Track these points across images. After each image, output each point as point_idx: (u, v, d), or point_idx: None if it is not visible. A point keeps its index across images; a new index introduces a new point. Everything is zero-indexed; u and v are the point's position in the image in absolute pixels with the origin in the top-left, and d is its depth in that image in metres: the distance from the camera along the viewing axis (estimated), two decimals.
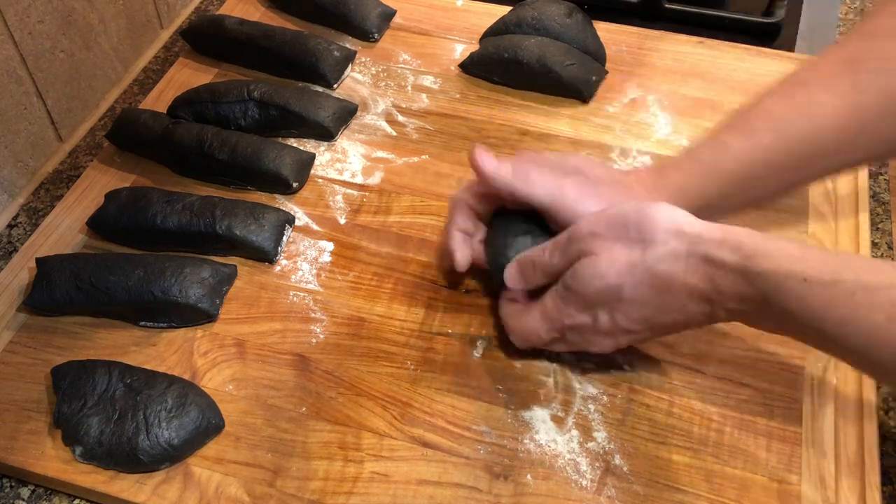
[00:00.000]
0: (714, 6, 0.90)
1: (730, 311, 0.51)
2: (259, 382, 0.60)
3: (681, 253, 0.50)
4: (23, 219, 0.73)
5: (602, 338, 0.55)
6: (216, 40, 0.83)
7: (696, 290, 0.51)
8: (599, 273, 0.52)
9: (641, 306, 0.52)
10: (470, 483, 0.55)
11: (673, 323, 0.53)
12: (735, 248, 0.49)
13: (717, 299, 0.50)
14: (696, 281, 0.50)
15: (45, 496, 0.57)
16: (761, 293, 0.48)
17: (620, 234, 0.52)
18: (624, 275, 0.52)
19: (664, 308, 0.52)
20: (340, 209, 0.71)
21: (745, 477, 0.54)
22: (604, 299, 0.53)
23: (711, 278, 0.50)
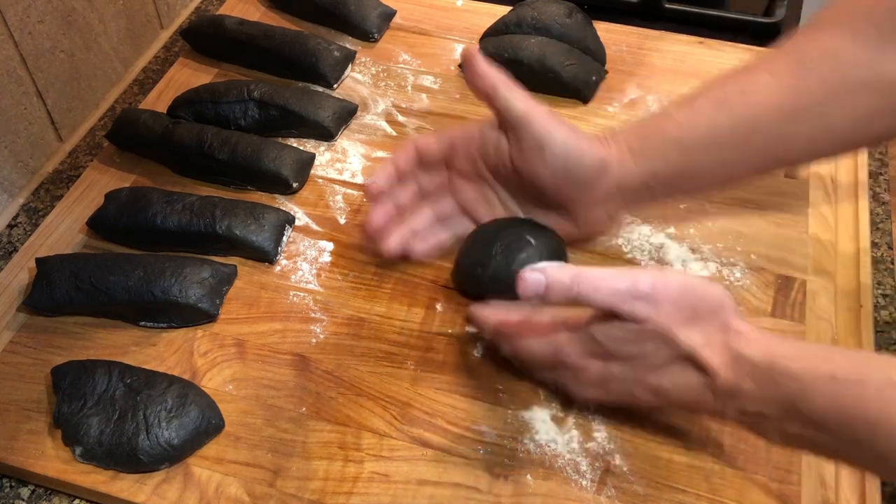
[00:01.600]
0: (714, 6, 0.90)
1: (744, 414, 0.49)
2: (259, 382, 0.60)
3: (719, 345, 0.49)
4: (23, 219, 0.73)
5: (597, 388, 0.54)
6: (216, 40, 0.83)
7: (719, 385, 0.49)
8: (638, 341, 0.50)
9: (663, 379, 0.51)
10: (470, 483, 0.55)
11: (678, 402, 0.52)
12: (765, 347, 0.48)
13: (738, 398, 0.49)
14: (725, 376, 0.49)
15: (45, 496, 0.57)
16: (788, 395, 0.47)
17: (678, 311, 0.49)
18: (661, 347, 0.50)
19: (682, 389, 0.50)
20: (340, 209, 0.71)
21: (745, 477, 0.54)
22: (627, 358, 0.51)
23: (738, 376, 0.48)
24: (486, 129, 0.63)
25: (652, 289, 0.49)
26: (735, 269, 0.65)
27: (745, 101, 0.58)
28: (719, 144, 0.58)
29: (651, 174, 0.59)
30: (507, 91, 0.60)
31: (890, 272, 0.67)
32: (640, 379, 0.51)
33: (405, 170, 0.64)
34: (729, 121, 0.58)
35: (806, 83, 0.56)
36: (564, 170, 0.59)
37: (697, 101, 0.59)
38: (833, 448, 0.47)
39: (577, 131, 0.60)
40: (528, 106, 0.60)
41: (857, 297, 0.63)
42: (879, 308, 0.65)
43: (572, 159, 0.59)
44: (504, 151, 0.61)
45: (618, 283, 0.49)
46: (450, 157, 0.65)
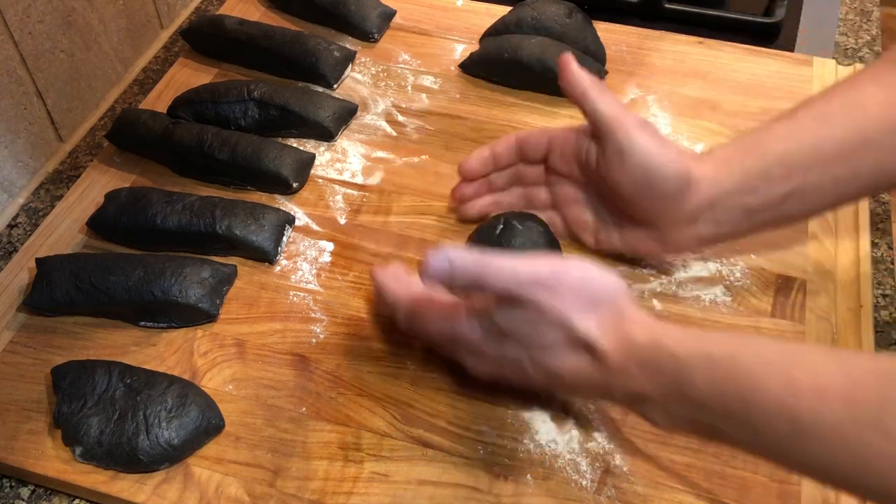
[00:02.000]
0: (714, 6, 0.90)
1: (628, 394, 0.50)
2: (259, 382, 0.60)
3: (611, 329, 0.49)
4: (23, 219, 0.73)
5: (489, 364, 0.54)
6: (216, 40, 0.83)
7: (608, 367, 0.49)
8: (534, 322, 0.50)
9: (554, 359, 0.51)
10: (470, 483, 0.55)
11: (566, 383, 0.52)
12: (649, 329, 0.49)
13: (623, 377, 0.49)
14: (613, 357, 0.49)
15: (45, 496, 0.57)
16: (669, 376, 0.47)
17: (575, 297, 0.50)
18: (556, 329, 0.50)
19: (572, 370, 0.51)
20: (340, 209, 0.71)
21: (745, 477, 0.54)
22: (521, 338, 0.51)
23: (625, 358, 0.49)
24: (580, 133, 0.62)
25: (552, 276, 0.50)
26: (735, 269, 0.65)
27: (850, 114, 0.56)
28: (826, 160, 0.56)
29: (750, 192, 0.57)
30: (597, 95, 0.59)
31: (890, 272, 0.67)
32: (534, 359, 0.51)
33: (502, 156, 0.65)
34: (835, 134, 0.56)
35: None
36: (645, 181, 0.58)
37: (799, 114, 0.58)
38: (713, 427, 0.47)
39: (666, 142, 0.59)
40: (615, 111, 0.59)
41: (857, 297, 0.63)
42: (879, 308, 0.65)
43: (653, 169, 0.57)
44: (592, 157, 0.61)
45: (519, 270, 0.50)
46: (548, 155, 0.65)
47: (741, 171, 0.57)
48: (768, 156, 0.57)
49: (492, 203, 0.67)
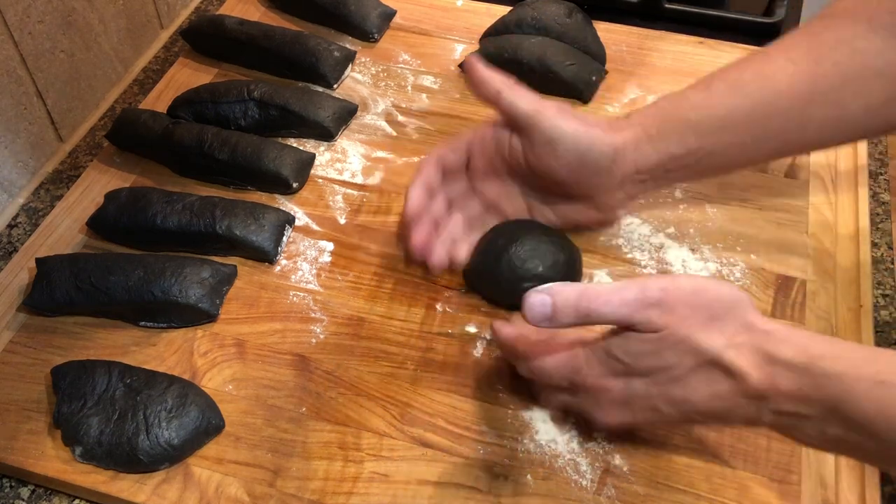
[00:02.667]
0: (714, 6, 0.90)
1: (780, 414, 0.47)
2: (259, 382, 0.60)
3: (745, 346, 0.47)
4: (23, 219, 0.73)
5: (619, 409, 0.51)
6: (216, 40, 0.83)
7: (752, 388, 0.47)
8: (659, 352, 0.48)
9: (689, 391, 0.49)
10: (470, 483, 0.55)
11: (709, 415, 0.50)
12: (801, 347, 0.46)
13: (773, 399, 0.47)
14: (756, 378, 0.47)
15: (45, 496, 0.57)
16: (830, 397, 0.45)
17: (693, 314, 0.48)
18: (683, 356, 0.48)
19: (711, 398, 0.48)
20: (340, 209, 0.71)
21: (745, 477, 0.54)
22: (649, 373, 0.49)
23: (772, 377, 0.46)
24: (497, 130, 0.63)
25: (663, 293, 0.48)
26: (735, 269, 0.65)
27: (761, 85, 0.58)
28: (735, 127, 0.59)
29: (668, 156, 0.59)
30: (511, 93, 0.61)
31: (890, 272, 0.67)
32: (665, 393, 0.49)
33: (433, 185, 0.65)
34: (745, 103, 0.58)
35: (822, 69, 0.57)
36: (578, 162, 0.60)
37: (713, 84, 0.60)
38: (878, 453, 0.46)
39: (587, 121, 0.60)
40: (533, 105, 0.60)
41: (857, 297, 0.63)
42: (879, 308, 0.65)
43: (584, 150, 0.60)
44: (517, 151, 0.62)
45: (626, 294, 0.48)
46: (468, 161, 0.65)
47: (658, 136, 0.59)
48: (683, 123, 0.59)
49: (449, 241, 0.64)
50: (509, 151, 0.63)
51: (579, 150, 0.59)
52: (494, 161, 0.64)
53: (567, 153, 0.60)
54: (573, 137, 0.59)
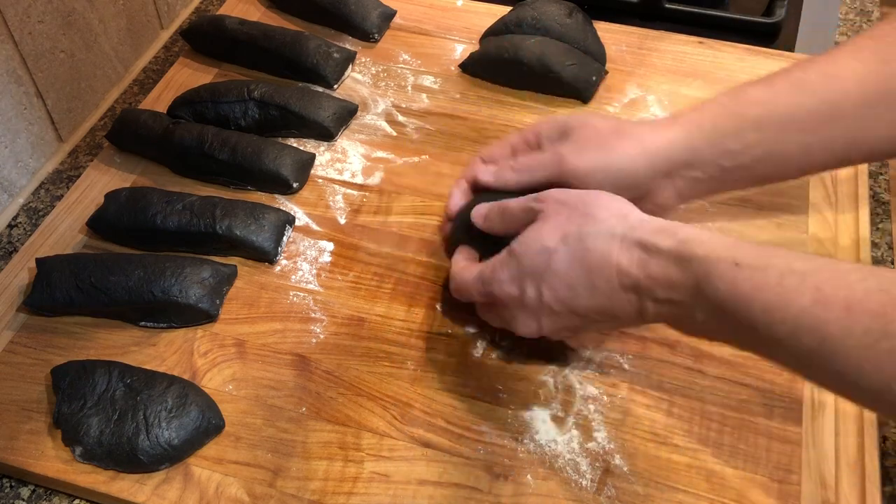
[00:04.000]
0: (714, 6, 0.90)
1: (658, 302, 0.50)
2: (259, 382, 0.60)
3: (616, 233, 0.51)
4: (23, 219, 0.73)
5: (526, 316, 0.54)
6: (216, 40, 0.83)
7: (625, 273, 0.50)
8: (540, 236, 0.53)
9: (568, 284, 0.52)
10: (470, 483, 0.55)
11: (597, 311, 0.52)
12: (670, 234, 0.49)
13: (647, 286, 0.50)
14: (627, 263, 0.50)
15: (45, 496, 0.57)
16: (693, 278, 0.48)
17: (571, 206, 0.53)
18: (558, 243, 0.52)
19: (591, 290, 0.51)
20: (340, 209, 0.71)
21: (745, 477, 0.55)
22: (535, 269, 0.53)
23: (643, 263, 0.49)
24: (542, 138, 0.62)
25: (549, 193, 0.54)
26: None
27: (827, 85, 0.57)
28: (799, 125, 0.57)
29: (724, 151, 0.57)
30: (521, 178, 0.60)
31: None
32: (552, 290, 0.52)
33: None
34: (810, 101, 0.56)
35: (890, 69, 0.56)
36: (614, 187, 0.57)
37: (775, 81, 0.58)
38: (735, 336, 0.48)
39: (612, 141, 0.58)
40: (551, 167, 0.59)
41: None
42: None
43: (613, 178, 0.58)
44: None
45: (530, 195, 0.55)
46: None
47: (713, 130, 0.58)
48: (742, 118, 0.58)
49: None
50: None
51: (609, 180, 0.57)
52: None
53: (601, 185, 0.57)
54: (596, 177, 0.58)
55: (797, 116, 0.57)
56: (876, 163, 0.75)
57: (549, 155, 0.60)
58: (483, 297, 0.57)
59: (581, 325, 0.54)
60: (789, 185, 0.71)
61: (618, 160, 0.58)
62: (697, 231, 0.50)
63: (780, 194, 0.70)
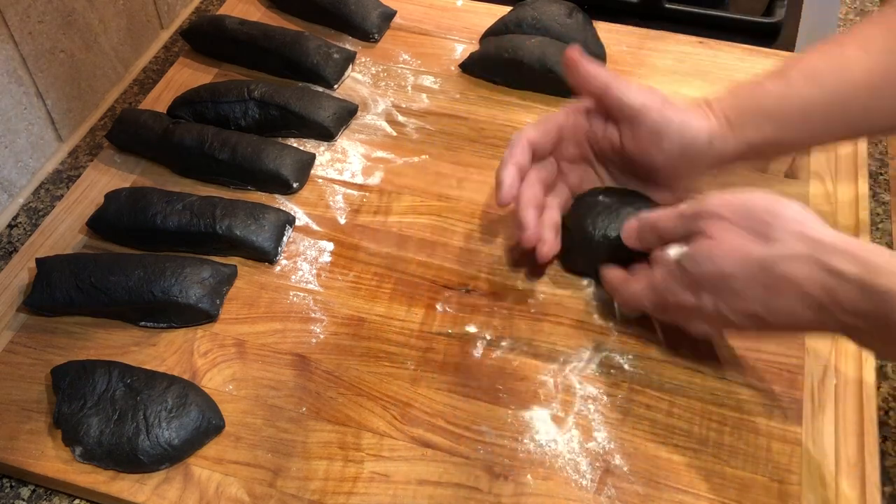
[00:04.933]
0: (714, 6, 0.90)
1: (843, 324, 0.49)
2: (259, 382, 0.60)
3: (798, 255, 0.50)
4: (23, 219, 0.73)
5: (702, 321, 0.55)
6: (216, 40, 0.83)
7: (809, 297, 0.49)
8: (714, 258, 0.52)
9: (749, 301, 0.52)
10: (470, 483, 0.55)
11: (779, 325, 0.52)
12: (858, 260, 0.48)
13: (833, 309, 0.49)
14: (810, 287, 0.49)
15: (45, 496, 0.57)
16: (881, 312, 0.47)
17: (744, 224, 0.52)
18: (738, 266, 0.51)
19: (772, 309, 0.51)
20: (340, 209, 0.71)
21: (745, 477, 0.55)
22: (712, 285, 0.53)
23: (829, 288, 0.48)
24: (593, 119, 0.65)
25: (713, 206, 0.53)
26: None
27: (837, 77, 0.59)
28: (811, 118, 0.60)
29: (746, 145, 0.60)
30: (619, 87, 0.62)
31: None
32: (730, 305, 0.52)
33: (524, 167, 0.64)
34: (822, 95, 0.59)
35: (894, 57, 0.57)
36: (680, 152, 0.61)
37: (790, 73, 0.61)
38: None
39: (686, 111, 0.61)
40: (641, 97, 0.62)
41: None
42: None
43: (687, 142, 0.61)
44: (614, 140, 0.64)
45: (682, 209, 0.55)
46: (557, 144, 0.66)
47: (741, 129, 0.60)
48: (760, 111, 0.60)
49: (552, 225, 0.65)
50: (603, 139, 0.64)
51: (683, 142, 0.60)
52: (583, 146, 0.66)
53: (672, 144, 0.61)
54: (679, 129, 0.60)
55: (811, 109, 0.60)
56: (876, 163, 0.75)
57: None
58: (656, 307, 0.58)
59: (761, 333, 0.55)
60: (789, 184, 0.71)
61: (695, 126, 0.61)
62: (884, 254, 0.48)
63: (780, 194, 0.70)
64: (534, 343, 0.61)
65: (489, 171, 0.73)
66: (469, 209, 0.70)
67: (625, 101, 0.62)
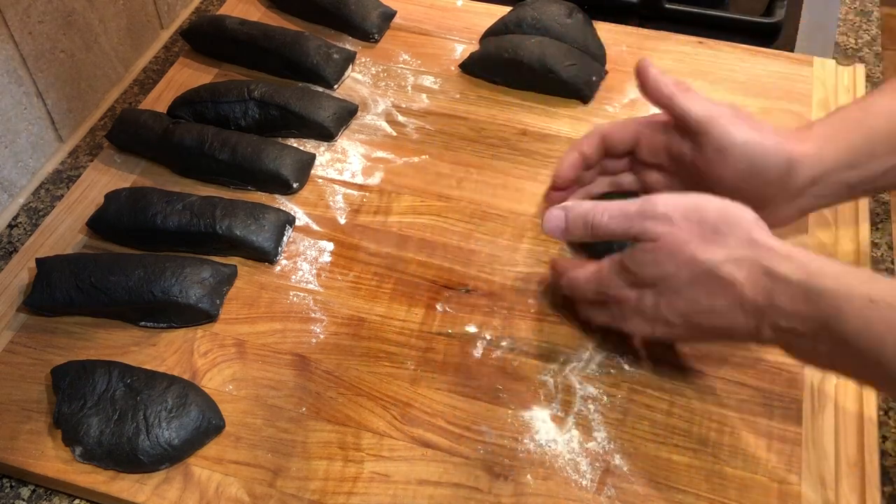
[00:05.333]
0: (714, 6, 0.90)
1: (778, 330, 0.50)
2: (259, 382, 0.60)
3: (745, 260, 0.50)
4: (23, 219, 0.73)
5: (640, 320, 0.55)
6: (216, 40, 0.83)
7: (749, 301, 0.50)
8: (658, 262, 0.52)
9: (689, 302, 0.52)
10: (470, 483, 0.55)
11: (713, 329, 0.53)
12: (801, 265, 0.48)
13: (770, 314, 0.49)
14: (751, 290, 0.49)
15: (45, 496, 0.57)
16: (822, 313, 0.47)
17: (694, 229, 0.51)
18: (682, 268, 0.51)
19: (711, 311, 0.51)
20: (340, 209, 0.71)
21: (745, 477, 0.55)
22: (654, 284, 0.53)
23: (770, 292, 0.49)
24: (669, 129, 0.62)
25: (664, 207, 0.50)
26: None
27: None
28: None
29: (853, 167, 0.57)
30: (684, 98, 0.59)
31: (890, 272, 0.67)
32: (669, 304, 0.52)
33: (591, 156, 0.64)
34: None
35: None
36: (749, 172, 0.58)
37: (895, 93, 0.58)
38: (857, 370, 0.49)
39: (763, 129, 0.58)
40: (706, 109, 0.58)
41: None
42: None
43: (756, 161, 0.57)
44: (686, 154, 0.60)
45: (628, 207, 0.51)
46: (634, 148, 0.64)
47: (847, 148, 0.57)
48: (873, 132, 0.57)
49: (584, 196, 0.65)
50: (678, 152, 0.61)
51: (751, 161, 0.57)
52: (661, 156, 0.63)
53: (738, 163, 0.57)
54: (744, 147, 0.57)
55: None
56: None
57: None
58: (596, 297, 0.57)
59: (693, 337, 0.55)
60: None
61: (767, 145, 0.57)
62: (827, 261, 0.49)
63: None
64: (534, 343, 0.61)
65: (489, 170, 0.73)
66: (469, 209, 0.70)
67: (688, 113, 0.59)
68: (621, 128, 0.64)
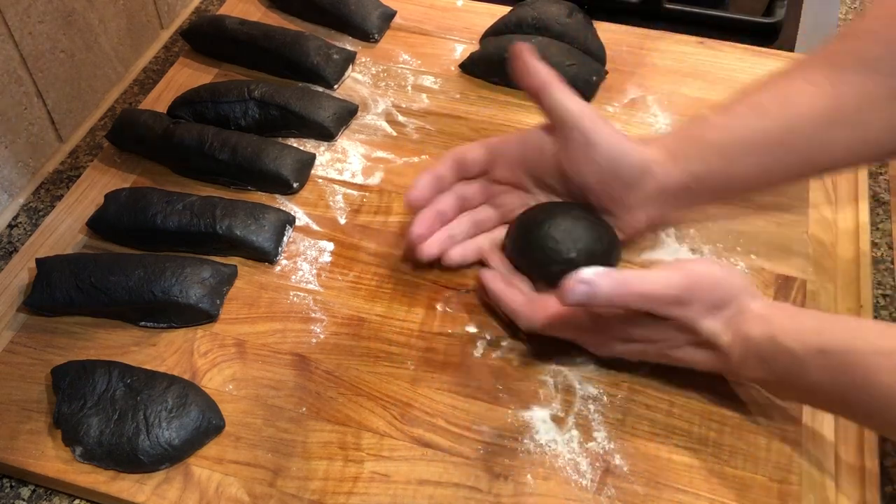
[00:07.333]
0: (714, 6, 0.90)
1: (748, 378, 0.55)
2: (259, 382, 0.60)
3: (732, 327, 0.53)
4: (23, 219, 0.73)
5: (601, 345, 0.58)
6: (216, 40, 0.83)
7: (732, 363, 0.54)
8: (663, 328, 0.55)
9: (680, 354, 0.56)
10: (470, 483, 0.55)
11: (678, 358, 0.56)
12: (765, 322, 0.52)
13: (744, 371, 0.54)
14: (735, 354, 0.53)
15: (45, 496, 0.57)
16: (783, 368, 0.51)
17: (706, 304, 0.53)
18: (682, 333, 0.55)
19: (695, 362, 0.56)
20: (340, 209, 0.71)
21: (745, 477, 0.55)
22: (649, 340, 0.56)
23: (744, 356, 0.53)
24: (528, 136, 0.64)
25: (686, 292, 0.52)
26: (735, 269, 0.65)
27: (781, 109, 0.59)
28: (757, 149, 0.59)
29: (692, 177, 0.60)
30: (557, 90, 0.61)
31: (890, 272, 0.67)
32: (658, 352, 0.56)
33: (445, 178, 0.65)
34: (765, 126, 0.59)
35: (842, 90, 0.57)
36: (611, 169, 0.60)
37: (735, 106, 0.61)
38: (828, 407, 0.54)
39: (622, 133, 0.61)
40: (578, 105, 0.61)
41: (857, 297, 0.63)
42: (879, 308, 0.65)
43: (618, 158, 0.60)
44: (548, 154, 0.62)
45: (657, 291, 0.52)
46: (490, 167, 0.65)
47: (685, 160, 0.60)
48: (705, 143, 0.60)
49: (447, 238, 0.65)
50: (539, 157, 0.63)
51: (612, 158, 0.60)
52: (517, 171, 0.65)
53: (601, 159, 0.60)
54: (608, 144, 0.60)
55: (754, 140, 0.59)
56: (876, 163, 0.75)
57: None
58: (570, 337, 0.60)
59: (658, 359, 0.57)
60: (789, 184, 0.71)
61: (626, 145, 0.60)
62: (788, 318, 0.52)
63: (780, 194, 0.70)
64: (534, 343, 0.61)
65: None
66: None
67: (560, 106, 0.61)
68: (474, 148, 0.65)
